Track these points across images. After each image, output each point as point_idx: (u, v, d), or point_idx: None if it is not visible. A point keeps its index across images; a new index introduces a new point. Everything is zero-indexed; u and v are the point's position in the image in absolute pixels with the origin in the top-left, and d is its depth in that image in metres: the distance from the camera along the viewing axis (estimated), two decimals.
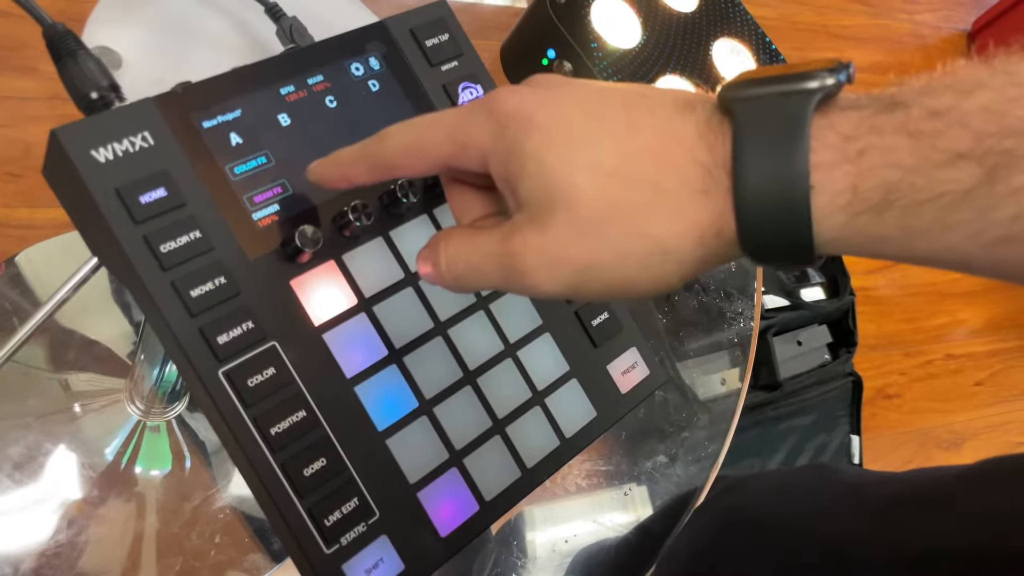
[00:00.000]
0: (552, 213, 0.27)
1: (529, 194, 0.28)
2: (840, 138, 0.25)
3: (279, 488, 0.33)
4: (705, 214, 0.27)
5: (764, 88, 0.26)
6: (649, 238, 0.27)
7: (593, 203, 0.27)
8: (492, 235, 0.30)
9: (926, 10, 1.95)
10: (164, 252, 0.32)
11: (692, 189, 0.27)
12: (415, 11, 0.41)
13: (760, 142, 0.25)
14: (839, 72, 0.26)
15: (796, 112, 0.25)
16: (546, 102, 0.29)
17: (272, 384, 0.33)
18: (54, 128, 0.32)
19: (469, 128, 0.29)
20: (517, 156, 0.28)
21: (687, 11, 0.49)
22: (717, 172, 0.26)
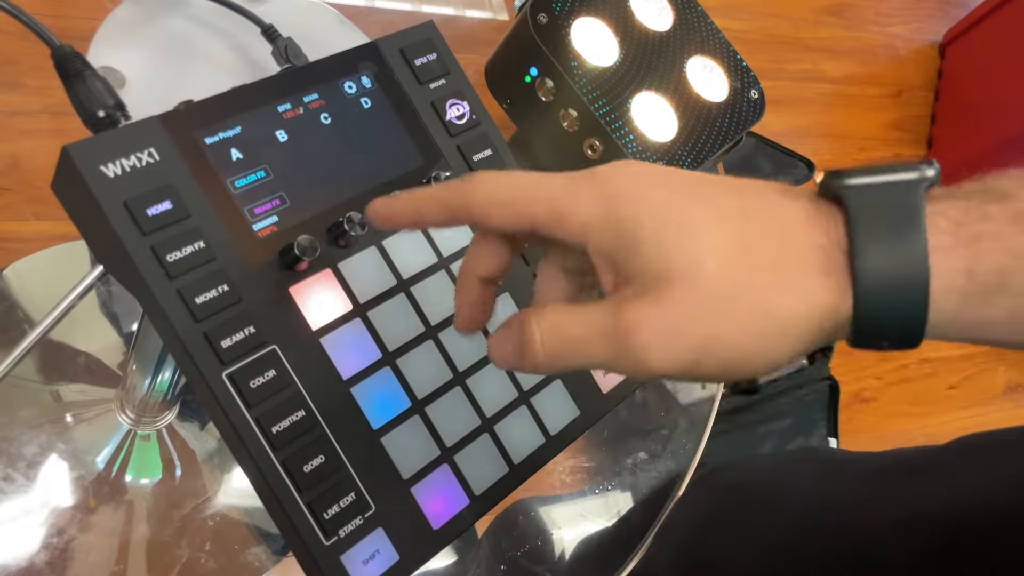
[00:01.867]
0: (670, 287, 0.27)
1: (644, 268, 0.28)
2: (952, 223, 0.27)
3: (280, 484, 0.35)
4: (826, 295, 0.27)
5: (872, 177, 0.27)
6: (771, 317, 0.27)
7: (716, 279, 0.27)
8: (597, 308, 0.29)
9: (898, 22, 1.99)
10: (170, 261, 0.34)
11: (812, 269, 0.27)
12: (404, 32, 0.43)
13: (877, 226, 0.27)
14: (933, 166, 0.28)
15: (909, 198, 0.27)
16: (655, 183, 0.29)
17: (273, 385, 0.35)
18: (65, 145, 0.34)
19: (573, 199, 0.29)
20: (630, 232, 0.28)
21: (662, 30, 0.51)
22: (835, 254, 0.27)
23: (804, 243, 0.28)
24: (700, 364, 0.28)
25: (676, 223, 0.28)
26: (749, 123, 0.51)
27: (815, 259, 0.27)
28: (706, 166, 0.49)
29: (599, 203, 0.29)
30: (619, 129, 0.47)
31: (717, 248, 0.27)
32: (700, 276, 0.27)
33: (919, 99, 1.92)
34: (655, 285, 0.28)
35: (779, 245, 0.28)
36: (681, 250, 0.28)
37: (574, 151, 0.49)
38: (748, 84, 0.52)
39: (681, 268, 0.27)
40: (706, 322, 0.27)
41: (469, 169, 0.43)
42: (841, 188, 0.28)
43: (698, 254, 0.27)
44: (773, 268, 0.27)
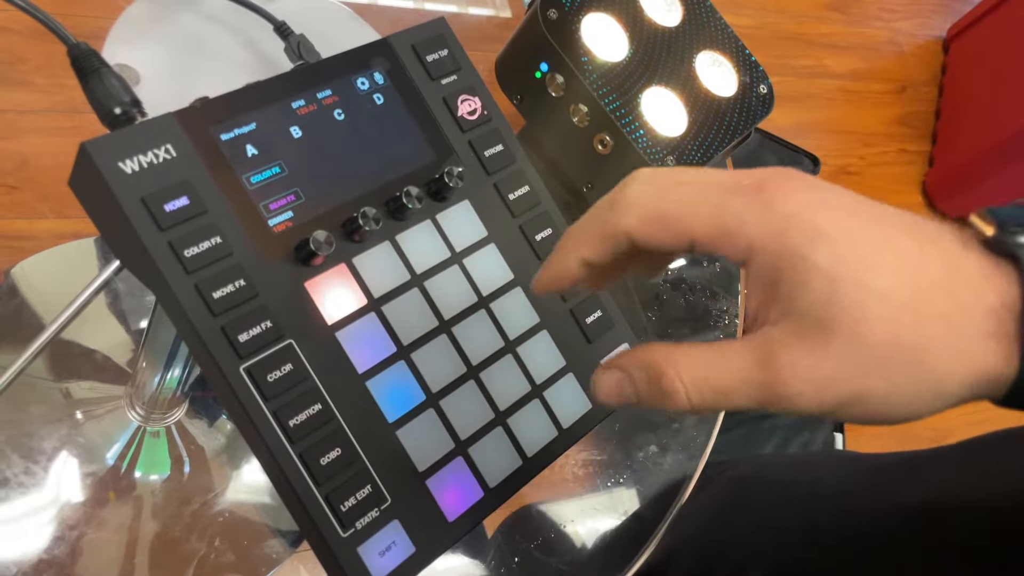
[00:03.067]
0: (830, 333, 0.26)
1: (807, 309, 0.26)
2: None
3: (298, 476, 0.35)
4: (990, 358, 0.26)
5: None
6: (929, 377, 0.26)
7: (880, 331, 0.26)
8: (741, 357, 0.27)
9: (902, 18, 1.99)
10: (188, 256, 0.34)
11: (981, 332, 0.26)
12: (416, 28, 0.43)
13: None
14: None
15: None
16: (830, 208, 0.27)
17: (290, 379, 0.36)
18: (84, 142, 0.34)
19: (741, 217, 0.27)
20: (799, 266, 0.26)
21: (671, 25, 0.52)
22: (1006, 320, 0.26)
23: (976, 303, 0.26)
24: (846, 409, 0.27)
25: (849, 261, 0.26)
26: (758, 118, 0.51)
27: (985, 322, 0.26)
28: (715, 161, 0.49)
29: (770, 224, 0.27)
30: (629, 124, 0.48)
31: (889, 297, 0.26)
32: (863, 325, 0.26)
33: (923, 95, 1.92)
34: (815, 330, 0.26)
35: (951, 301, 0.26)
36: (849, 294, 0.26)
37: (584, 146, 0.49)
38: (757, 79, 0.52)
39: (847, 315, 0.26)
40: (859, 375, 0.26)
41: (481, 165, 0.43)
42: (1014, 247, 0.26)
43: (866, 301, 0.26)
44: (941, 325, 0.26)
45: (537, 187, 0.45)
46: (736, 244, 0.27)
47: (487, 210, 0.43)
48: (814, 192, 0.27)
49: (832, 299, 0.26)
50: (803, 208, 0.26)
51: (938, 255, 0.27)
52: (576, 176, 0.51)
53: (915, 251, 0.27)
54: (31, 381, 0.63)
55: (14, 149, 0.75)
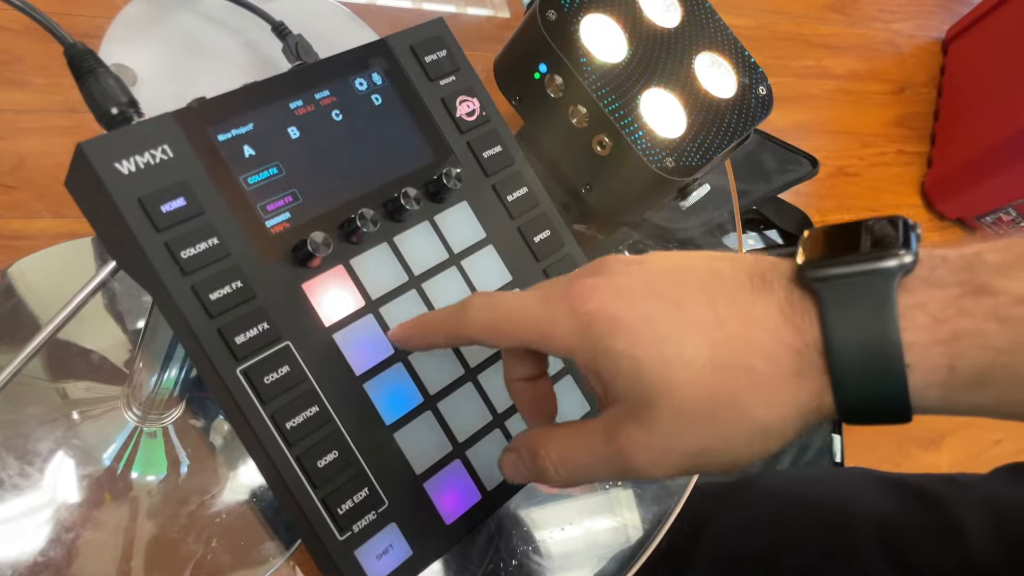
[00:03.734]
0: (651, 407, 0.28)
1: (626, 391, 0.29)
2: (930, 320, 0.26)
3: (295, 479, 0.35)
4: (803, 395, 0.28)
5: (845, 268, 0.27)
6: (751, 422, 0.28)
7: (692, 395, 0.28)
8: (594, 435, 0.31)
9: (901, 19, 1.99)
10: (184, 258, 0.34)
11: (786, 372, 0.28)
12: (414, 29, 0.43)
13: (851, 326, 0.27)
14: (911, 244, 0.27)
15: (882, 294, 0.27)
16: (625, 297, 0.29)
17: (287, 381, 0.35)
18: (80, 142, 0.34)
19: (554, 323, 0.30)
20: (608, 356, 0.29)
21: (670, 26, 0.51)
22: (809, 354, 0.27)
23: (774, 345, 0.28)
24: (698, 467, 0.30)
25: (648, 342, 0.28)
26: (757, 119, 0.51)
27: (789, 362, 0.28)
28: (714, 163, 0.49)
29: (576, 326, 0.30)
30: (628, 125, 0.47)
31: (689, 363, 0.28)
32: (677, 394, 0.28)
33: (922, 95, 1.92)
34: (638, 407, 0.29)
35: (747, 351, 0.28)
36: (655, 370, 0.28)
37: (583, 147, 0.49)
38: (756, 80, 0.52)
39: (658, 389, 0.28)
40: (690, 436, 0.29)
41: (479, 166, 0.43)
42: (813, 282, 0.28)
43: (671, 371, 0.28)
44: (745, 375, 0.28)
45: (536, 188, 0.45)
46: (557, 346, 0.31)
47: (485, 211, 0.43)
48: (612, 286, 0.30)
49: (641, 378, 0.28)
50: (602, 304, 0.29)
51: (735, 312, 0.29)
52: (575, 177, 0.51)
53: (707, 313, 0.29)
54: (28, 381, 0.63)
55: (11, 149, 0.75)
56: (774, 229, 1.39)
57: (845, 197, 1.71)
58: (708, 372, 0.28)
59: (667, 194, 0.50)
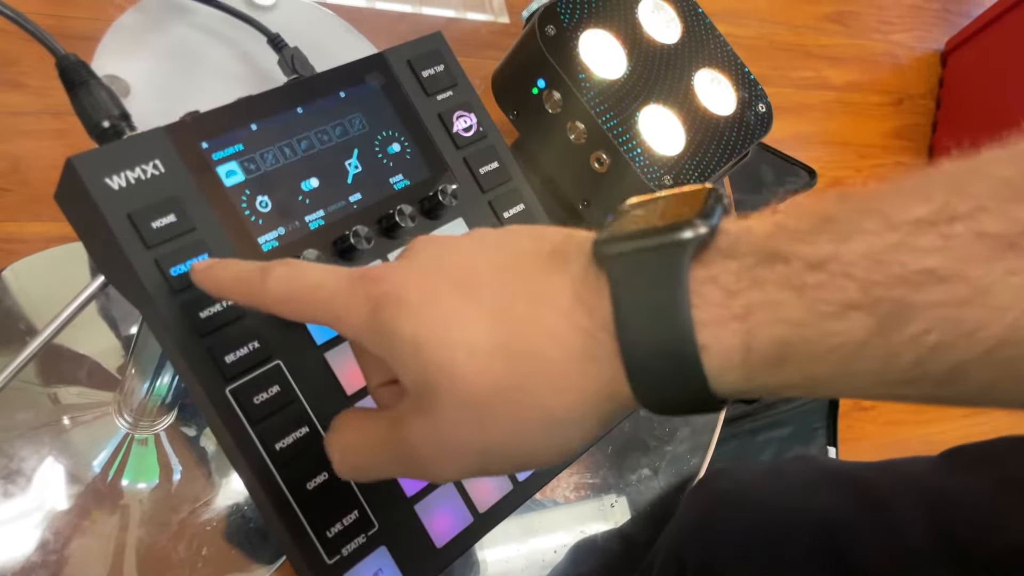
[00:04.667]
0: (435, 397, 0.26)
1: (408, 379, 0.27)
2: (723, 293, 0.24)
3: (283, 501, 0.34)
4: (594, 381, 0.25)
5: (636, 242, 0.25)
6: (539, 412, 0.26)
7: (475, 383, 0.25)
8: (383, 425, 0.28)
9: (900, 30, 1.99)
10: (174, 275, 0.34)
11: (576, 357, 0.25)
12: (412, 43, 0.43)
13: (639, 304, 0.24)
14: (712, 215, 0.24)
15: (672, 268, 0.24)
16: (416, 278, 0.27)
17: (277, 401, 0.35)
18: (70, 156, 0.33)
19: (346, 304, 0.28)
20: (392, 339, 0.26)
21: (670, 43, 0.51)
22: (600, 336, 0.25)
23: (564, 327, 0.25)
24: (488, 466, 0.27)
25: (432, 325, 0.26)
26: (756, 137, 0.51)
27: (579, 345, 0.25)
28: (712, 179, 0.49)
29: (367, 306, 0.27)
30: (627, 143, 0.47)
31: (474, 347, 0.26)
32: (458, 381, 0.26)
33: (920, 107, 1.92)
34: (421, 395, 0.27)
35: (536, 334, 0.26)
36: (437, 355, 0.26)
37: (581, 164, 0.49)
38: (755, 97, 0.52)
39: (441, 376, 0.26)
40: (473, 429, 0.26)
41: (476, 182, 0.43)
42: (604, 258, 0.25)
43: (454, 356, 0.26)
44: (530, 361, 0.25)
45: (532, 206, 0.44)
46: (345, 329, 0.28)
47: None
48: (411, 263, 0.28)
49: (424, 364, 0.26)
50: (393, 286, 0.27)
51: (526, 290, 0.26)
52: (572, 193, 0.51)
53: (498, 294, 0.26)
54: (20, 385, 0.62)
55: (6, 151, 0.75)
56: None
57: None
58: (493, 358, 0.25)
59: None
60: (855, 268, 0.22)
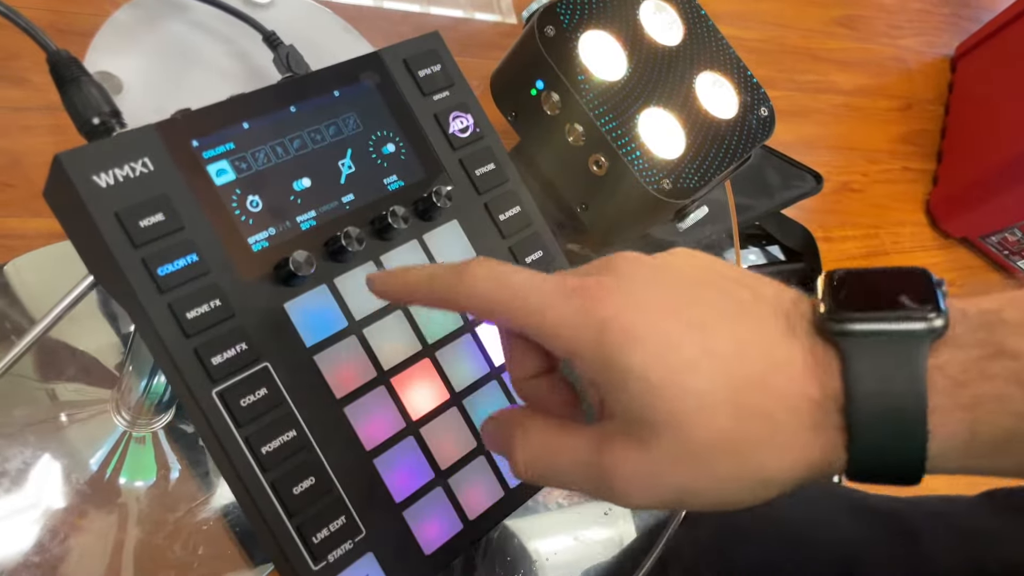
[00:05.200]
0: (654, 434, 0.26)
1: (631, 411, 0.27)
2: (951, 383, 0.25)
3: (269, 506, 0.34)
4: (816, 451, 0.26)
5: (872, 325, 0.26)
6: (755, 471, 0.27)
7: (701, 431, 0.26)
8: (581, 441, 0.29)
9: (909, 35, 1.98)
10: (162, 275, 0.33)
11: (803, 425, 0.26)
12: (409, 42, 0.42)
13: (875, 386, 0.25)
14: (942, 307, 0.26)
15: (911, 357, 0.25)
16: (643, 309, 0.27)
17: (264, 404, 0.34)
18: (58, 153, 0.33)
19: (564, 320, 0.28)
20: (617, 370, 0.27)
21: (672, 44, 0.50)
22: (829, 410, 0.26)
23: (795, 395, 0.26)
24: (682, 503, 0.28)
25: (665, 366, 0.26)
26: (758, 141, 0.50)
27: (808, 415, 0.26)
28: (713, 184, 0.48)
29: (588, 327, 0.27)
30: (625, 145, 0.46)
31: (707, 397, 0.26)
32: (685, 426, 0.26)
33: (929, 112, 1.91)
34: (640, 429, 0.27)
35: (767, 396, 0.26)
36: (668, 399, 0.26)
37: (579, 166, 0.48)
38: (758, 101, 0.51)
39: (667, 418, 0.26)
40: (686, 472, 0.27)
41: (471, 184, 0.42)
42: (838, 336, 0.26)
43: (685, 403, 0.26)
44: (761, 422, 0.26)
45: (529, 208, 0.44)
46: (557, 346, 0.28)
47: (476, 230, 0.42)
48: (631, 293, 0.28)
49: (651, 403, 0.26)
50: (618, 312, 0.27)
51: (759, 350, 0.27)
52: (570, 196, 0.50)
53: (731, 347, 0.27)
54: (17, 380, 0.62)
55: (6, 147, 0.74)
56: (776, 245, 1.37)
57: (849, 214, 1.70)
58: (722, 411, 0.26)
59: (664, 215, 0.49)
60: None
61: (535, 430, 0.30)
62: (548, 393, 0.32)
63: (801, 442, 0.26)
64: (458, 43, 0.64)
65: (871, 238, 1.76)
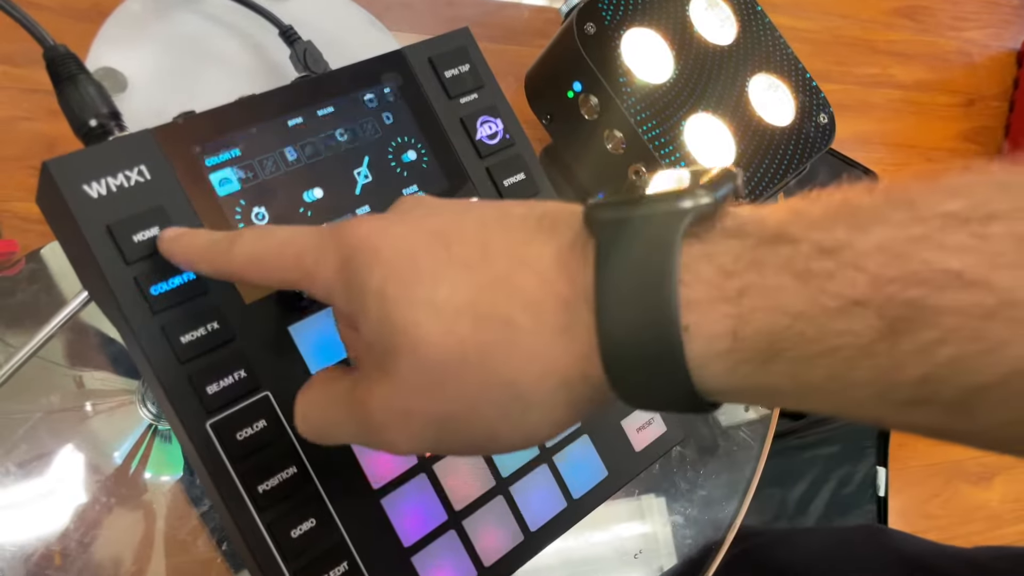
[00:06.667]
0: (395, 358, 0.24)
1: (372, 336, 0.24)
2: (718, 272, 0.21)
3: (264, 549, 0.31)
4: (565, 356, 0.23)
5: (630, 209, 0.22)
6: (502, 384, 0.23)
7: (438, 346, 0.23)
8: (346, 383, 0.27)
9: (974, 27, 1.89)
10: (155, 295, 0.31)
11: (550, 327, 0.23)
12: (435, 39, 0.39)
13: (623, 273, 0.22)
14: (717, 189, 0.22)
15: (663, 238, 0.22)
16: (395, 231, 0.25)
17: (263, 437, 0.32)
18: (46, 160, 0.30)
19: (317, 256, 0.26)
20: (359, 292, 0.24)
21: (723, 44, 0.46)
22: (578, 307, 0.23)
23: (541, 293, 0.23)
24: (443, 440, 0.25)
25: (401, 279, 0.24)
26: (816, 151, 0.46)
27: (553, 313, 0.23)
28: (764, 199, 0.44)
29: (338, 259, 0.25)
30: (670, 155, 0.42)
31: (441, 307, 0.23)
32: (420, 342, 0.23)
33: (992, 109, 1.82)
34: (383, 355, 0.24)
35: (510, 297, 0.23)
36: (402, 313, 0.23)
37: (618, 176, 0.44)
38: (817, 106, 0.47)
39: (403, 334, 0.23)
40: (432, 396, 0.24)
41: (498, 194, 0.39)
42: (594, 223, 0.23)
43: (418, 315, 0.23)
44: (499, 326, 0.23)
45: None
46: (315, 284, 0.26)
47: None
48: (390, 217, 0.26)
49: (388, 322, 0.24)
50: (368, 235, 0.25)
51: (506, 249, 0.24)
52: None
53: (477, 251, 0.24)
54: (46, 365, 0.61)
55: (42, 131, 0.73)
56: None
57: None
58: (459, 320, 0.23)
59: None
60: (869, 260, 0.19)
61: (316, 380, 0.28)
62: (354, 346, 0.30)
63: (548, 347, 0.23)
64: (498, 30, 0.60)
65: None
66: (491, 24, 0.62)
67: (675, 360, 0.21)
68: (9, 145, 0.61)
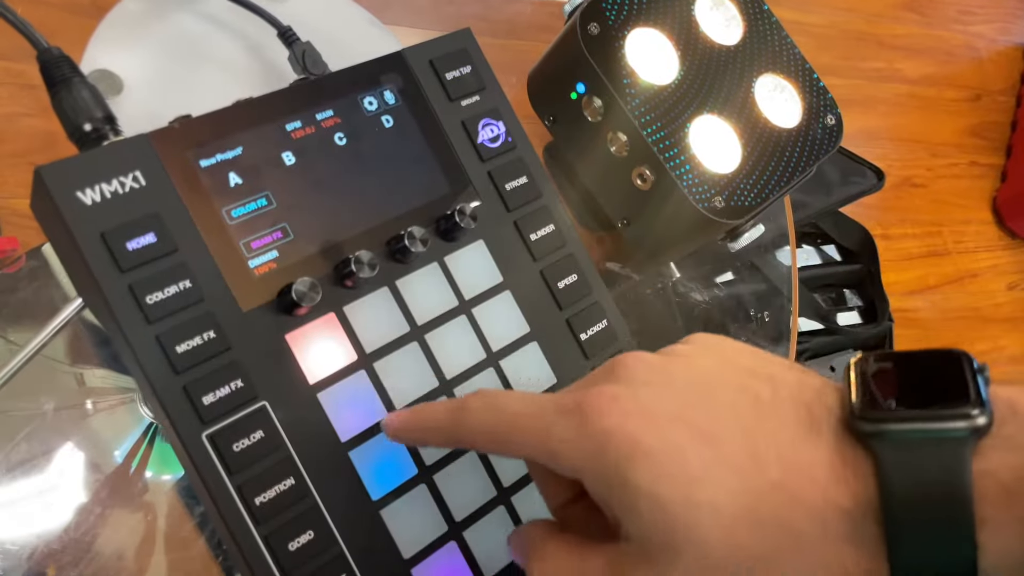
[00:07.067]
0: (671, 555, 0.25)
1: (643, 531, 0.25)
2: (1002, 491, 0.22)
3: (261, 562, 0.31)
4: (852, 565, 0.24)
5: (907, 425, 0.23)
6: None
7: (720, 549, 0.24)
8: (598, 563, 0.27)
9: (981, 22, 1.88)
10: (150, 303, 0.30)
11: (832, 536, 0.24)
12: (436, 40, 0.38)
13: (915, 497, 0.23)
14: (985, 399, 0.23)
15: (954, 463, 0.23)
16: (649, 419, 0.26)
17: (260, 449, 0.31)
18: (38, 166, 0.30)
19: (563, 436, 0.26)
20: (623, 488, 0.25)
21: (729, 44, 0.46)
22: (862, 520, 0.24)
23: (821, 504, 0.24)
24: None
25: (674, 480, 0.24)
26: (823, 153, 0.45)
27: (836, 523, 0.24)
28: (770, 202, 0.43)
29: (589, 442, 0.26)
30: (674, 158, 0.42)
31: (722, 512, 0.24)
32: (703, 546, 0.24)
33: (999, 104, 1.81)
34: (654, 552, 0.25)
35: (790, 506, 0.24)
36: (680, 516, 0.24)
37: (622, 179, 0.44)
38: (824, 108, 0.46)
39: (681, 537, 0.24)
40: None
41: (500, 199, 0.38)
42: (870, 437, 0.24)
43: (699, 519, 0.24)
44: (783, 533, 0.24)
45: (563, 226, 0.39)
46: (563, 466, 0.27)
47: (504, 252, 0.38)
48: (635, 399, 0.26)
49: (663, 522, 0.25)
50: (620, 422, 0.25)
51: (776, 454, 0.25)
52: (611, 210, 0.46)
53: (745, 453, 0.25)
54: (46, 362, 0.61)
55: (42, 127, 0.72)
56: (832, 244, 1.31)
57: (910, 210, 1.62)
58: (741, 525, 0.24)
59: (714, 235, 0.45)
60: None
61: (552, 548, 0.29)
62: (584, 518, 0.30)
63: (832, 556, 0.24)
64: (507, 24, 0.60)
65: (932, 236, 1.68)
66: (493, 19, 0.61)
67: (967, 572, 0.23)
68: (9, 141, 0.60)
